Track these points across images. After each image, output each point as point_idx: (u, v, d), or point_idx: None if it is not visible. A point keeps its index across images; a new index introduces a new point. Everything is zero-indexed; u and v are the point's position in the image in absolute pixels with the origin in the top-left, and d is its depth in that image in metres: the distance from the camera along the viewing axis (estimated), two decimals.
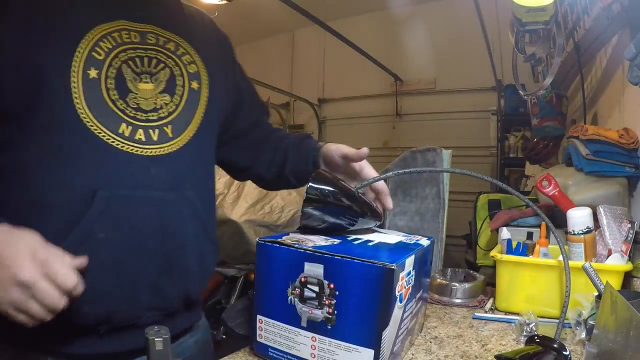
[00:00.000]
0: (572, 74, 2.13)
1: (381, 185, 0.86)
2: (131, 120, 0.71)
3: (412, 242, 0.78)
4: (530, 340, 0.77)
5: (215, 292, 2.59)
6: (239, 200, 2.50)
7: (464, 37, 3.80)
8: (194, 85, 0.79)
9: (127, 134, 0.70)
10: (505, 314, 0.99)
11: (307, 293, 0.65)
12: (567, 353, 0.70)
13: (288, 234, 0.74)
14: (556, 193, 1.13)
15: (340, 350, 0.64)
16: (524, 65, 1.87)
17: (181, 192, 0.74)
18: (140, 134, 0.71)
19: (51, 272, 0.57)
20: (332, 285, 0.64)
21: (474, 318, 0.97)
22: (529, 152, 2.36)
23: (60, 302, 0.58)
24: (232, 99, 0.91)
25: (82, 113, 0.67)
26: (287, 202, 2.62)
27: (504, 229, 1.14)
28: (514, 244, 1.07)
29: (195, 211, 0.76)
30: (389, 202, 0.87)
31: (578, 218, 1.01)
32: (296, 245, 0.67)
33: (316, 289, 0.65)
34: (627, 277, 0.97)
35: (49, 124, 0.66)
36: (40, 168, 0.66)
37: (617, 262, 0.94)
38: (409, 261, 0.68)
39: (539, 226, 1.11)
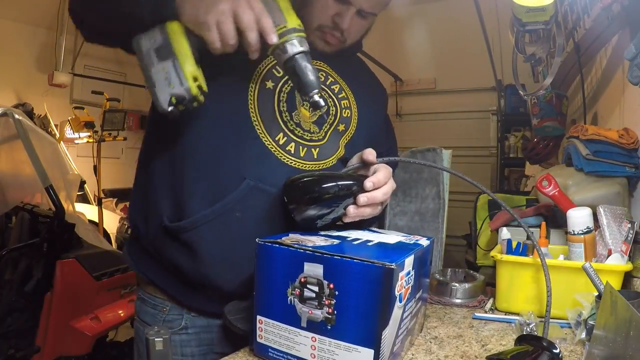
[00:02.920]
0: (572, 74, 2.13)
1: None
2: (289, 133, 0.84)
3: (412, 242, 0.78)
4: (520, 339, 0.77)
5: None
6: None
7: (464, 37, 3.80)
8: (341, 127, 0.91)
9: (281, 142, 0.83)
10: (505, 314, 0.99)
11: (307, 293, 0.65)
12: (557, 351, 0.70)
13: (288, 234, 0.74)
14: (556, 193, 1.13)
15: (340, 350, 0.64)
16: (524, 65, 1.87)
17: None
18: (291, 147, 0.84)
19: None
20: (331, 285, 0.64)
21: (474, 318, 0.97)
22: (529, 152, 2.36)
23: (253, 31, 0.68)
24: (368, 145, 0.98)
25: (252, 114, 0.81)
26: None
27: (504, 229, 1.14)
28: (514, 244, 1.07)
29: None
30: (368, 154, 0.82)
31: (578, 218, 1.01)
32: (296, 246, 0.67)
33: (316, 289, 0.65)
34: (627, 277, 0.97)
35: (225, 113, 0.80)
36: (208, 144, 0.81)
37: (617, 262, 0.94)
38: (409, 261, 0.68)
39: (539, 226, 1.11)
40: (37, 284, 2.11)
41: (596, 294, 0.78)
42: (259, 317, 0.71)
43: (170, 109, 0.68)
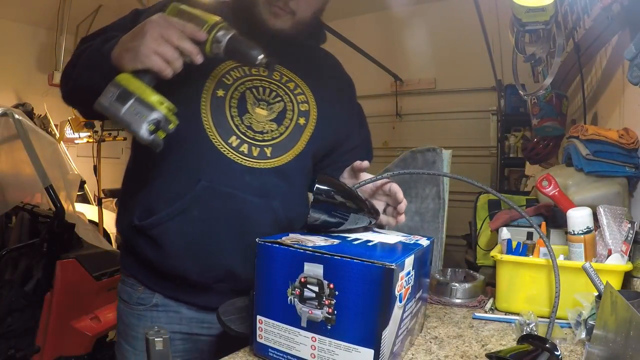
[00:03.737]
0: (572, 74, 2.12)
1: (389, 185, 0.90)
2: (241, 135, 0.89)
3: (412, 242, 0.78)
4: (522, 339, 0.77)
5: None
6: None
7: (464, 37, 3.79)
8: (301, 121, 0.95)
9: (234, 144, 0.88)
10: (505, 314, 0.99)
11: (307, 293, 0.65)
12: (558, 353, 0.70)
13: (288, 234, 0.74)
14: (556, 193, 1.13)
15: (340, 350, 0.64)
16: (524, 65, 1.87)
17: (267, 201, 0.89)
18: (244, 148, 0.89)
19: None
20: (331, 285, 0.64)
21: (474, 318, 0.97)
22: (529, 152, 2.36)
23: (185, 41, 0.73)
24: (336, 139, 1.03)
25: (205, 121, 0.87)
26: None
27: (504, 229, 1.14)
28: (514, 244, 1.07)
29: (277, 218, 0.90)
30: (400, 199, 0.89)
31: (578, 218, 1.01)
32: (296, 246, 0.67)
33: (316, 289, 0.65)
34: (627, 277, 0.97)
35: (182, 126, 0.81)
36: (169, 153, 0.85)
37: (617, 262, 0.94)
38: (409, 261, 0.68)
39: (539, 226, 1.11)
40: (37, 284, 2.11)
41: (596, 294, 0.78)
42: (259, 317, 0.71)
43: (152, 137, 0.72)
